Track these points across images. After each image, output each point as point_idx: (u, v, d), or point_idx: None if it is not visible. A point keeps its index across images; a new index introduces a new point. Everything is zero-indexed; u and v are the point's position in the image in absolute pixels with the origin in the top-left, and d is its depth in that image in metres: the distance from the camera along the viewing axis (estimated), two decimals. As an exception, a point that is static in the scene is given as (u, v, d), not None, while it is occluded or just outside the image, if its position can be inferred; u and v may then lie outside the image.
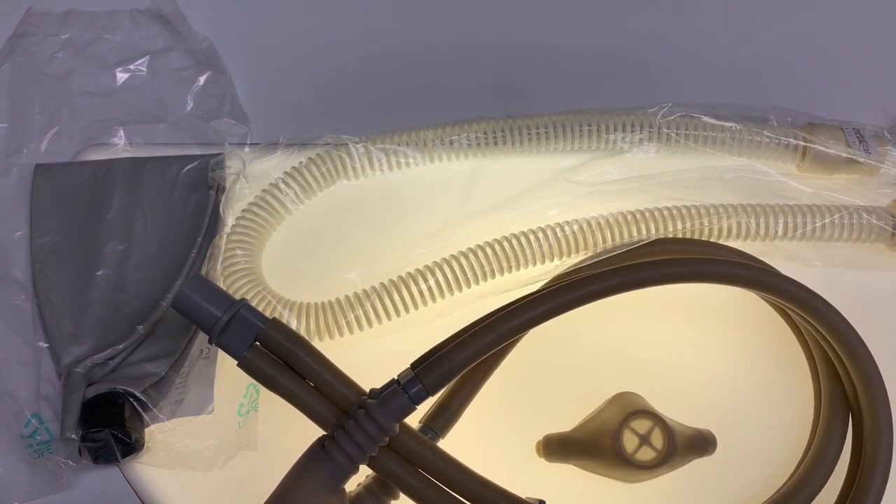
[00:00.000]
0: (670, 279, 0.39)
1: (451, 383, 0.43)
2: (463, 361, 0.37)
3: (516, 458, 0.44)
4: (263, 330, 0.38)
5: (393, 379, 0.38)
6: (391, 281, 0.45)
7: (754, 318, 0.48)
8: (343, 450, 0.36)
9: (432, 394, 0.37)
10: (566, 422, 0.45)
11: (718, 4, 0.59)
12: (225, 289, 0.42)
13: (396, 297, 0.45)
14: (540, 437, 0.44)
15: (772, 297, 0.43)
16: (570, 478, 0.43)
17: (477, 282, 0.45)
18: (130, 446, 0.41)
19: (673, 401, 0.44)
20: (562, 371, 0.47)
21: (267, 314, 0.39)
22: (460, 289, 0.45)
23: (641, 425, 0.41)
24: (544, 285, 0.45)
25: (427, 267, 0.45)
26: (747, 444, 0.45)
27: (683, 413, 0.44)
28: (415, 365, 0.38)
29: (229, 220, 0.47)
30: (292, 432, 0.43)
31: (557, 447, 0.43)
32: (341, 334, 0.45)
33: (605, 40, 0.57)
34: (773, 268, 0.46)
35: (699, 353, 0.47)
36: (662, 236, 0.45)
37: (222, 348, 0.38)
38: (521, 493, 0.39)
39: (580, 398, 0.45)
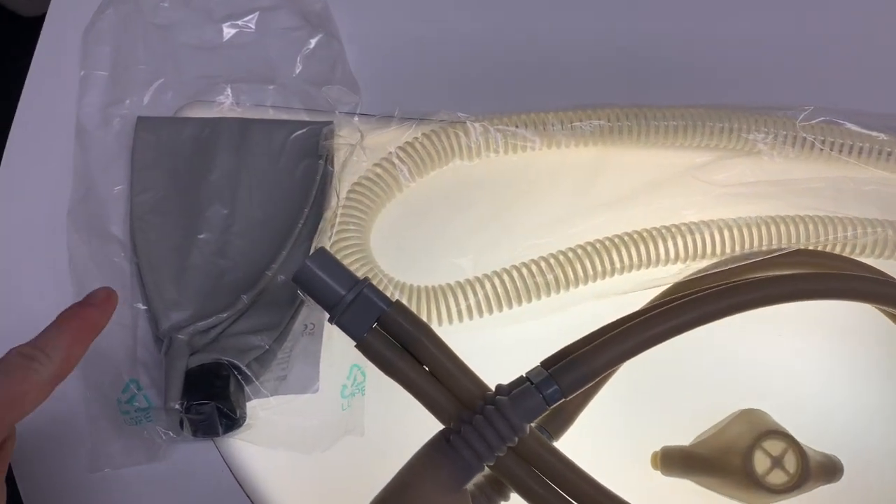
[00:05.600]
0: (841, 295, 0.36)
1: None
2: (604, 365, 0.35)
3: (627, 466, 0.42)
4: (386, 312, 0.36)
5: (521, 377, 0.36)
6: (512, 269, 0.43)
7: (888, 340, 0.45)
8: (471, 446, 0.34)
9: (567, 396, 0.35)
10: (680, 434, 0.42)
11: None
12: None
13: (512, 287, 0.43)
14: (652, 447, 0.42)
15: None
16: (686, 494, 0.41)
17: (602, 277, 0.43)
18: (234, 421, 0.39)
19: (793, 420, 0.42)
20: (676, 382, 0.44)
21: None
22: (585, 282, 0.43)
23: (774, 447, 0.38)
24: (667, 290, 0.43)
25: (552, 257, 0.43)
26: (872, 473, 0.43)
27: (805, 435, 0.42)
28: (547, 364, 0.36)
29: (342, 193, 0.45)
30: (396, 420, 0.41)
31: (678, 461, 0.41)
32: (450, 322, 0.43)
33: (746, 35, 0.54)
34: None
35: (824, 372, 0.45)
36: (804, 247, 0.42)
37: (342, 328, 0.36)
38: (645, 509, 0.37)
39: (694, 410, 0.43)
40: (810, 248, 0.43)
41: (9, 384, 0.31)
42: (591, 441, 0.42)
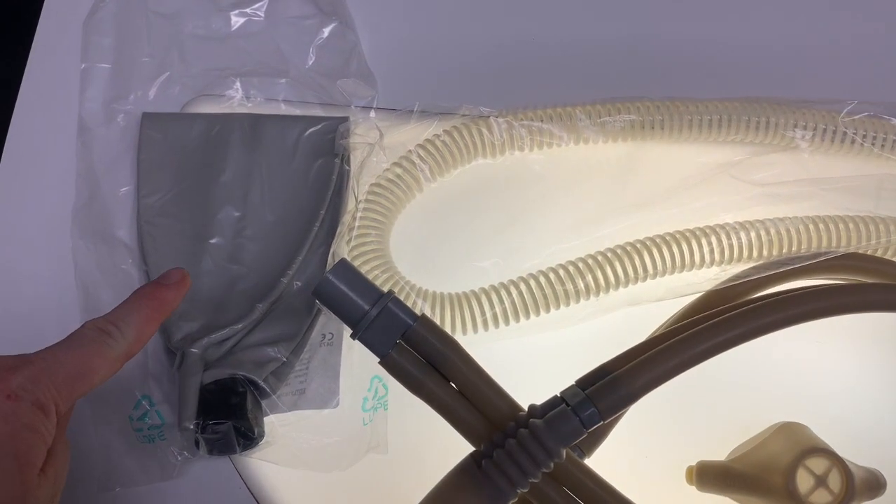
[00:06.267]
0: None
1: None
2: (645, 385, 0.33)
3: (660, 481, 0.41)
4: (412, 328, 0.34)
5: (555, 397, 0.34)
6: (539, 274, 0.41)
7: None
8: (504, 473, 0.32)
9: (606, 419, 0.33)
10: (715, 448, 0.41)
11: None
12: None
13: (540, 294, 0.41)
14: (687, 461, 0.40)
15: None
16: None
17: (635, 282, 0.41)
18: (251, 440, 0.37)
19: (832, 430, 0.40)
20: (710, 392, 0.42)
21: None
22: (617, 287, 0.41)
23: (818, 465, 0.37)
24: (703, 297, 0.41)
25: (582, 261, 0.41)
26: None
27: (844, 446, 0.40)
28: (583, 384, 0.34)
29: (359, 195, 0.42)
30: (420, 435, 0.39)
31: (715, 477, 0.39)
32: (476, 331, 0.41)
33: (787, 27, 0.51)
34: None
35: (862, 380, 0.43)
36: (848, 250, 0.40)
37: (366, 344, 0.34)
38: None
39: (730, 422, 0.41)
40: (853, 251, 0.40)
41: (82, 356, 0.31)
42: (623, 455, 0.41)
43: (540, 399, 0.34)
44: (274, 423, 0.39)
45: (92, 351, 0.31)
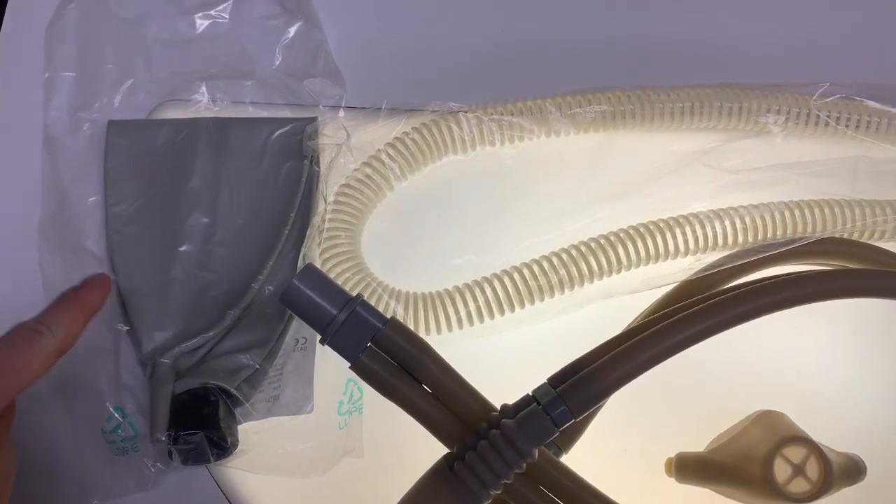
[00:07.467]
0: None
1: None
2: (617, 381, 0.32)
3: (640, 474, 0.40)
4: (381, 331, 0.34)
5: (527, 396, 0.34)
6: (513, 270, 0.41)
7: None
8: (476, 475, 0.32)
9: (577, 417, 0.33)
10: (694, 438, 0.40)
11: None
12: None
13: (514, 290, 0.40)
14: (666, 452, 0.40)
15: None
16: (702, 501, 0.39)
17: (609, 275, 0.41)
18: (225, 449, 0.37)
19: (812, 417, 0.40)
20: (688, 381, 0.42)
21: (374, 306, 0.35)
22: (591, 281, 0.40)
23: (795, 454, 0.36)
24: (678, 287, 0.40)
25: (555, 255, 0.41)
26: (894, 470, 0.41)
27: (824, 432, 0.40)
28: (554, 382, 0.34)
29: (329, 196, 0.42)
30: (396, 437, 0.39)
31: (693, 468, 0.39)
32: (450, 330, 0.41)
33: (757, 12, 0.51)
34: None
35: (842, 366, 0.43)
36: (824, 235, 0.40)
37: (335, 349, 0.34)
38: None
39: (709, 411, 0.41)
40: (828, 235, 0.40)
41: (15, 354, 0.33)
42: (602, 449, 0.40)
43: (516, 397, 0.34)
44: (248, 431, 0.38)
45: (24, 349, 0.33)
